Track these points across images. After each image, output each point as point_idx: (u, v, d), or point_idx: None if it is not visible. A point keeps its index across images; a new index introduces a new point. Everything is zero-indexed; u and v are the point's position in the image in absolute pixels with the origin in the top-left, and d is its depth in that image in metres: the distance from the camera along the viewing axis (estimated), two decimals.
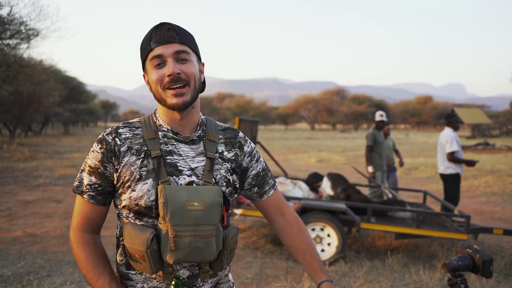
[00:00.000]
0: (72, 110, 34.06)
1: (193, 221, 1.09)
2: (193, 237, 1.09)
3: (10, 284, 3.63)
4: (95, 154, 1.18)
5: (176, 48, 1.13)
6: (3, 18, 11.71)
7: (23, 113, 20.26)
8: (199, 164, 1.20)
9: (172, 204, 1.07)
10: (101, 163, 1.17)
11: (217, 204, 1.12)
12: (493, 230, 4.66)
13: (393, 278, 4.20)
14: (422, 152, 21.23)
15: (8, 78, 12.48)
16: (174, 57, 1.13)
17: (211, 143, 1.24)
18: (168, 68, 1.12)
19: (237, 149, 1.29)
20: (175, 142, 1.20)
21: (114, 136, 1.18)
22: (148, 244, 1.07)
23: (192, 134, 1.23)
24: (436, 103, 70.50)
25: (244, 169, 1.31)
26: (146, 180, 1.14)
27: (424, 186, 10.58)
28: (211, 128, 1.27)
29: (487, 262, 1.45)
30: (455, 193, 5.69)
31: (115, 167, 1.16)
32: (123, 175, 1.15)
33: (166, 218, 1.08)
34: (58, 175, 10.32)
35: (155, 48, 1.13)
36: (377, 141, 6.52)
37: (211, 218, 1.11)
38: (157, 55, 1.13)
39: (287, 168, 10.83)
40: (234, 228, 1.23)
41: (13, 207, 6.69)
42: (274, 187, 1.40)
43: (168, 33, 1.14)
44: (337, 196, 5.29)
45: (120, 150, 1.16)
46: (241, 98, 69.04)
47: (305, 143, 28.42)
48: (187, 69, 1.14)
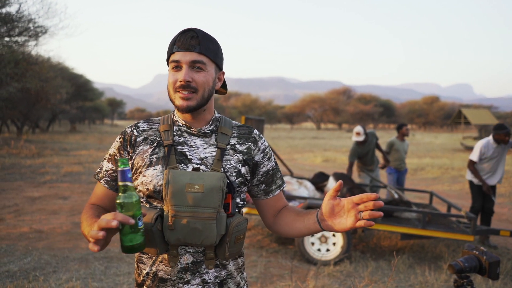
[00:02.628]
0: (79, 108, 34.31)
1: (192, 202, 1.14)
2: (191, 218, 1.14)
3: (17, 280, 3.66)
4: (115, 143, 1.31)
5: (193, 57, 1.20)
6: (12, 16, 11.80)
7: (31, 110, 20.44)
8: (210, 155, 1.26)
9: (173, 186, 1.14)
10: (118, 151, 1.29)
11: (218, 188, 1.15)
12: (500, 232, 4.62)
13: (398, 279, 4.18)
14: (428, 152, 21.11)
15: (16, 75, 12.58)
16: (190, 65, 1.21)
17: (223, 136, 1.30)
18: (181, 74, 1.20)
19: (250, 143, 1.33)
20: (187, 135, 1.28)
21: (133, 128, 1.31)
22: (152, 223, 1.13)
23: (204, 127, 1.29)
24: (443, 103, 70.09)
25: (255, 163, 1.33)
26: (156, 166, 1.22)
27: (430, 186, 10.52)
28: (225, 123, 1.34)
29: (494, 264, 1.44)
30: (473, 199, 5.69)
31: (130, 155, 1.27)
32: (136, 162, 1.25)
33: (166, 199, 1.15)
34: (64, 172, 10.39)
35: (176, 52, 1.22)
36: (361, 154, 6.40)
37: (211, 201, 1.15)
38: (175, 60, 1.21)
39: (292, 167, 10.82)
40: (240, 217, 1.23)
41: (20, 203, 6.75)
42: (281, 187, 1.41)
43: (190, 42, 1.20)
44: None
45: (137, 140, 1.28)
46: (247, 97, 69.10)
47: (310, 142, 28.37)
48: (198, 78, 1.21)
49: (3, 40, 12.29)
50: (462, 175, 12.52)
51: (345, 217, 1.15)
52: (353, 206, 1.13)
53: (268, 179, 1.37)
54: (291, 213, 1.36)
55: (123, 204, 1.01)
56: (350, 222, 1.13)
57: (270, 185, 1.38)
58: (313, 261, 4.54)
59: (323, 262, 4.52)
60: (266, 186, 1.38)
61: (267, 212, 1.42)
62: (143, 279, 1.26)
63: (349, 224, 1.13)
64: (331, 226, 1.19)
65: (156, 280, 1.24)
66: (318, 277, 4.08)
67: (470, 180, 5.69)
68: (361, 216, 1.12)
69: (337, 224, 1.17)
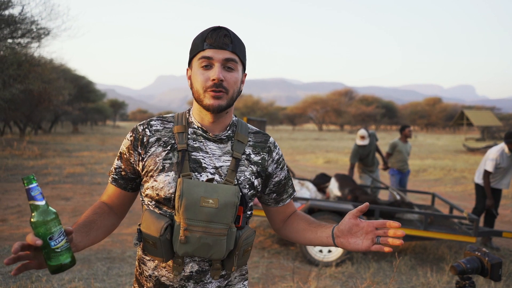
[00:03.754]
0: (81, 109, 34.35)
1: (206, 217, 1.10)
2: (203, 233, 1.10)
3: (20, 280, 3.67)
4: (125, 141, 1.25)
5: (226, 55, 1.16)
6: (15, 17, 11.84)
7: (33, 111, 20.51)
8: (224, 164, 1.21)
9: (187, 198, 1.09)
10: (127, 150, 1.23)
11: (232, 204, 1.12)
12: (503, 233, 4.61)
13: (400, 280, 4.17)
14: (430, 154, 21.07)
15: (19, 76, 12.62)
16: (222, 64, 1.16)
17: (239, 143, 1.25)
18: (214, 72, 1.14)
19: (265, 154, 1.29)
20: (203, 140, 1.22)
21: (145, 127, 1.23)
22: (161, 232, 1.10)
23: (221, 133, 1.24)
24: (446, 105, 69.99)
25: (268, 174, 1.30)
26: (169, 173, 1.17)
27: (432, 188, 10.50)
28: (242, 129, 1.29)
29: (496, 265, 1.44)
30: (476, 200, 5.69)
31: (142, 156, 1.21)
32: (148, 165, 1.19)
33: (179, 211, 1.10)
34: (67, 173, 10.41)
35: (207, 49, 1.16)
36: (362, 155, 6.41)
37: (224, 217, 1.11)
38: (207, 56, 1.15)
39: (294, 168, 10.82)
40: (249, 230, 1.21)
41: (23, 204, 6.77)
42: (292, 196, 1.40)
43: (223, 39, 1.16)
44: (344, 197, 5.28)
45: (149, 140, 1.21)
46: (249, 98, 69.12)
47: (312, 143, 28.35)
48: (230, 78, 1.17)
49: (6, 42, 12.33)
50: (464, 177, 12.49)
51: (361, 238, 1.15)
52: (372, 229, 1.13)
53: (280, 188, 1.35)
54: (302, 222, 1.35)
55: (34, 224, 0.95)
56: (366, 244, 1.13)
57: (281, 195, 1.37)
58: (315, 262, 4.54)
59: (325, 263, 4.51)
60: (277, 196, 1.36)
61: (276, 218, 1.42)
62: (144, 280, 1.24)
63: (365, 246, 1.13)
64: (345, 245, 1.18)
65: (157, 285, 1.21)
66: (320, 278, 4.08)
67: (477, 183, 5.68)
68: (378, 240, 1.12)
69: (352, 244, 1.16)
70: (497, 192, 5.57)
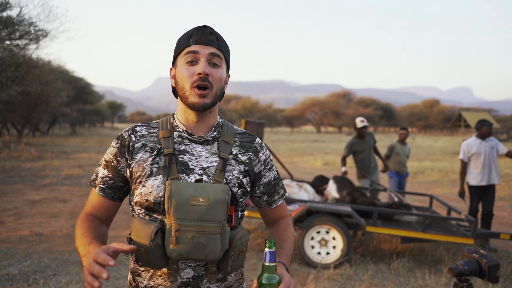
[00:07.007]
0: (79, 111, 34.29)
1: (197, 216, 1.09)
2: (196, 233, 1.09)
3: (17, 283, 3.66)
4: (111, 149, 1.23)
5: (212, 50, 1.18)
6: (13, 19, 11.83)
7: (31, 113, 20.46)
8: (212, 164, 1.21)
9: (177, 198, 1.08)
10: (114, 157, 1.22)
11: (223, 202, 1.11)
12: (500, 235, 4.61)
13: (398, 282, 4.17)
14: (428, 156, 21.12)
15: (16, 78, 12.60)
16: (208, 59, 1.17)
17: (225, 144, 1.25)
18: (199, 66, 1.16)
19: (251, 154, 1.29)
20: (189, 142, 1.23)
21: (130, 133, 1.23)
22: (152, 237, 1.07)
23: (206, 135, 1.24)
24: (443, 106, 70.21)
25: (256, 175, 1.30)
26: (157, 176, 1.16)
27: (430, 190, 10.52)
28: (227, 130, 1.29)
29: (493, 267, 1.44)
30: (470, 199, 5.72)
31: (128, 162, 1.20)
32: (135, 171, 1.19)
33: (170, 212, 1.08)
34: (64, 175, 10.39)
35: (193, 45, 1.17)
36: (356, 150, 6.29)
37: (216, 215, 1.10)
38: (193, 51, 1.17)
39: (292, 170, 10.82)
40: (243, 230, 1.20)
41: (20, 206, 6.75)
42: (283, 197, 1.41)
43: (209, 36, 1.18)
44: (342, 199, 5.28)
45: (135, 146, 1.21)
46: (247, 100, 69.17)
47: (311, 145, 28.38)
48: (215, 74, 1.18)
49: (4, 43, 12.32)
50: None
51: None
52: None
53: (270, 189, 1.36)
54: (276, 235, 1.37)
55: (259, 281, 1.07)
56: None
57: (272, 196, 1.38)
58: (313, 264, 4.53)
59: (323, 265, 4.51)
60: (269, 197, 1.37)
61: (269, 219, 1.45)
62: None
63: None
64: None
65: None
66: (318, 280, 4.08)
67: (467, 182, 5.72)
68: None
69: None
70: (491, 189, 5.58)
